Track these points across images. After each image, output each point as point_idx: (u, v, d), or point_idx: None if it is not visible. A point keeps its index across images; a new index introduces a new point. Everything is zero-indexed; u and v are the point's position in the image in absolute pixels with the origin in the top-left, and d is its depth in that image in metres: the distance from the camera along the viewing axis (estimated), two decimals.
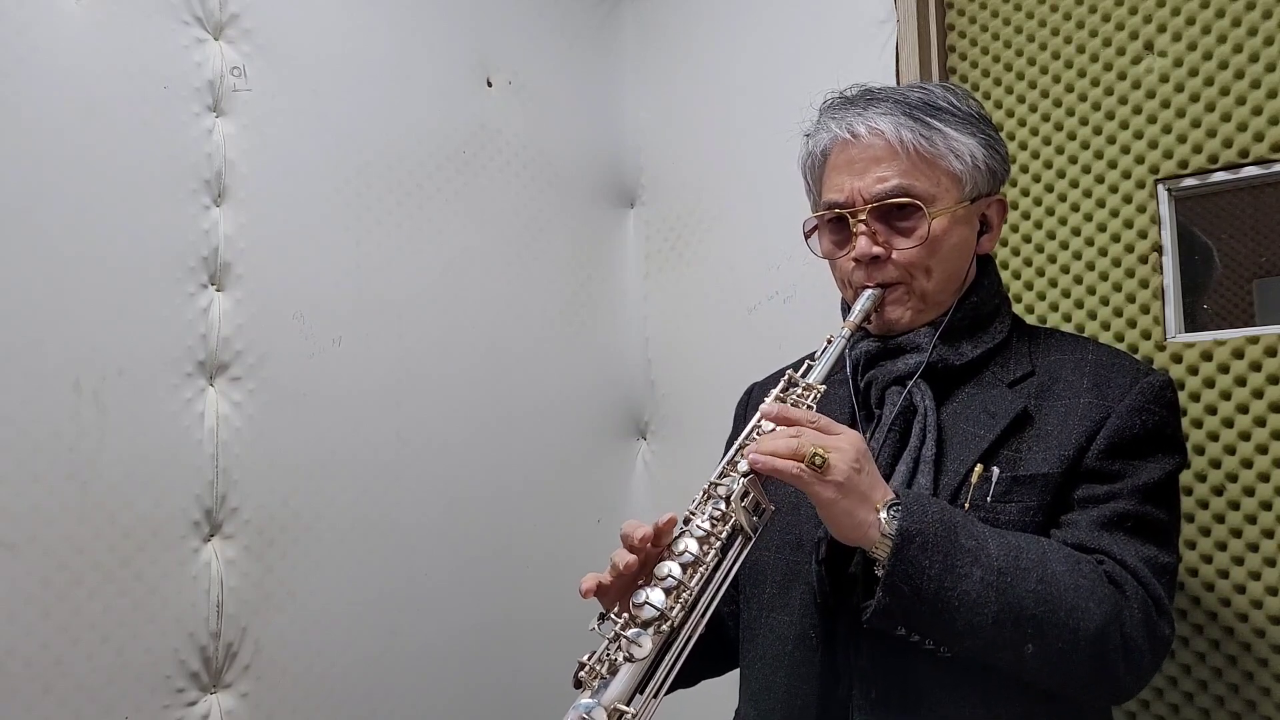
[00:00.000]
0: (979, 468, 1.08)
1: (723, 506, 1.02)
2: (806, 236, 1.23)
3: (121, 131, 1.46)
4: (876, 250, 1.14)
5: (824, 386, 1.11)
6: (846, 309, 1.19)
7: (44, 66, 1.40)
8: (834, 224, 1.19)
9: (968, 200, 1.16)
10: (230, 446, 1.53)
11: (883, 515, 0.98)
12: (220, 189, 1.55)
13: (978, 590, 0.96)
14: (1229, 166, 1.42)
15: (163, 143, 1.50)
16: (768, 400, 1.10)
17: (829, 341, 1.14)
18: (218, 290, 1.54)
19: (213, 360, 1.53)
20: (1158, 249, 1.47)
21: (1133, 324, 1.49)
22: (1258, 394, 1.37)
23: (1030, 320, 1.55)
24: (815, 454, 0.97)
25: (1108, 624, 0.98)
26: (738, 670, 1.26)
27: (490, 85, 1.91)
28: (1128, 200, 1.50)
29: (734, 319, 1.93)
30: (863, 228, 1.14)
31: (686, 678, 1.15)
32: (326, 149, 1.67)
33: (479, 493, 1.81)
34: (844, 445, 0.99)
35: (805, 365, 1.14)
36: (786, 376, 1.12)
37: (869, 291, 1.15)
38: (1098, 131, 1.53)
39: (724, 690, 1.30)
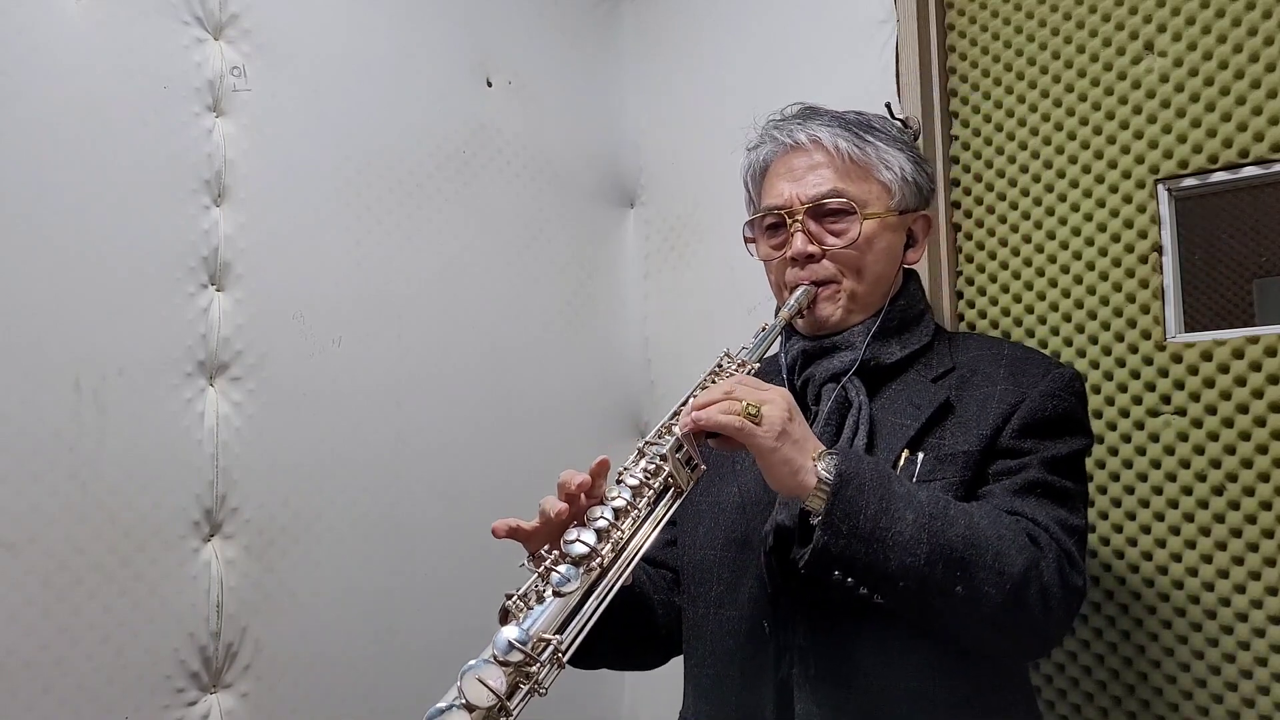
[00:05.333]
0: (905, 453, 1.15)
1: (657, 460, 1.06)
2: (746, 242, 1.33)
3: (121, 131, 1.46)
4: (811, 249, 1.23)
5: (757, 364, 1.18)
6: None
7: (44, 66, 1.40)
8: (772, 229, 1.29)
9: (896, 211, 1.26)
10: (230, 446, 1.53)
11: (819, 464, 1.03)
12: (220, 189, 1.55)
13: (911, 531, 1.01)
14: (1229, 166, 1.42)
15: (163, 143, 1.50)
16: (701, 379, 1.16)
17: (763, 329, 1.22)
18: (218, 290, 1.54)
19: (213, 360, 1.53)
20: (1158, 249, 1.47)
21: (1133, 324, 1.49)
22: (1258, 394, 1.37)
23: (1029, 321, 1.57)
24: (749, 405, 1.02)
25: (1029, 569, 1.04)
26: (680, 673, 1.29)
27: (490, 85, 1.91)
28: (1128, 200, 1.50)
29: (734, 319, 1.93)
30: (799, 227, 1.23)
31: (613, 656, 1.24)
32: (326, 149, 1.68)
33: (479, 493, 1.81)
34: (776, 398, 1.05)
35: (740, 350, 1.21)
36: (720, 354, 1.19)
37: (803, 287, 1.23)
38: (1098, 131, 1.53)
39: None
